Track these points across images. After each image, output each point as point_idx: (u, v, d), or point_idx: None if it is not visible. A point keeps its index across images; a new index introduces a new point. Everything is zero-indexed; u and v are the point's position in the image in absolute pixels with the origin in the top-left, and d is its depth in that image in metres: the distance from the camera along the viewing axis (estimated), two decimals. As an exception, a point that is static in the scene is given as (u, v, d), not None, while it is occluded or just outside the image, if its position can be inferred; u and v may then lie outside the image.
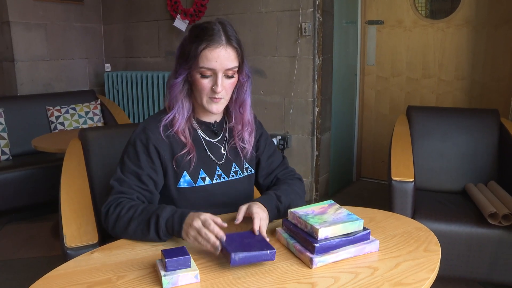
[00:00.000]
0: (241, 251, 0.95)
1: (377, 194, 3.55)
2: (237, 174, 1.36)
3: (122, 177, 1.24)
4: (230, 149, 1.36)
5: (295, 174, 1.46)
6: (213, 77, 1.22)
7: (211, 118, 1.34)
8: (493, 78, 3.27)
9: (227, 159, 1.34)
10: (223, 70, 1.20)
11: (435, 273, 0.99)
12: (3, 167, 3.02)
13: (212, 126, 1.34)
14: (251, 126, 1.38)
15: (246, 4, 3.32)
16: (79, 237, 1.32)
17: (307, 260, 1.00)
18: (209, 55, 1.19)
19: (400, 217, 1.32)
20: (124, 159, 1.27)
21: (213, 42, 1.18)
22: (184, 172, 1.27)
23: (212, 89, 1.22)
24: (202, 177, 1.29)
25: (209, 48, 1.18)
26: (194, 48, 1.19)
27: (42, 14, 3.79)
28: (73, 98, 3.69)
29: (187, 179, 1.27)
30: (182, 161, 1.26)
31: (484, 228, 1.99)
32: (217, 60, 1.19)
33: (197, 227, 1.04)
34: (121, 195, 1.21)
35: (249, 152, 1.38)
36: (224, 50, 1.19)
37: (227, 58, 1.20)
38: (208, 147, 1.32)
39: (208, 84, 1.22)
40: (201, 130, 1.32)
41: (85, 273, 0.97)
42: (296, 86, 3.20)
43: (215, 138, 1.34)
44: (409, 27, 3.52)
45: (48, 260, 2.55)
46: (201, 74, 1.21)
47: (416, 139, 2.52)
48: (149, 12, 3.90)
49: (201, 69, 1.20)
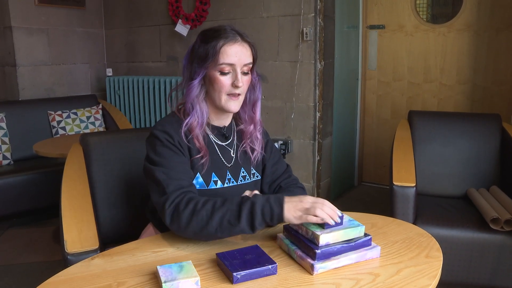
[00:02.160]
0: (242, 269, 0.95)
1: (379, 198, 3.54)
2: (245, 179, 1.36)
3: (167, 171, 1.18)
4: (240, 153, 1.37)
5: (297, 183, 1.46)
6: (232, 74, 1.24)
7: (222, 123, 1.35)
8: (494, 82, 3.27)
9: (236, 163, 1.35)
10: (241, 66, 1.24)
11: (436, 280, 0.98)
12: (5, 172, 3.03)
13: (222, 130, 1.35)
14: (262, 127, 1.41)
15: (248, 9, 3.33)
16: (79, 243, 1.32)
17: (308, 267, 1.00)
18: (228, 50, 1.22)
19: (402, 223, 1.31)
20: (156, 158, 1.21)
21: (230, 38, 1.23)
22: (198, 174, 1.27)
23: (232, 84, 1.24)
24: (214, 180, 1.29)
25: (227, 44, 1.22)
26: (212, 47, 1.22)
27: (44, 19, 3.80)
28: (75, 103, 3.70)
29: (200, 181, 1.27)
30: (196, 163, 1.26)
31: (486, 233, 1.98)
32: (236, 55, 1.22)
33: (313, 200, 1.07)
34: (183, 190, 1.15)
35: (258, 154, 1.39)
36: (241, 45, 1.24)
37: (244, 53, 1.24)
38: (220, 150, 1.33)
39: (228, 80, 1.24)
40: (213, 135, 1.33)
41: (86, 279, 0.97)
42: (297, 91, 3.20)
43: (225, 141, 1.35)
44: (410, 32, 3.52)
45: (49, 265, 2.54)
46: (220, 71, 1.23)
47: (418, 144, 2.51)
48: (151, 17, 3.91)
49: (221, 65, 1.22)
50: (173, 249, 1.12)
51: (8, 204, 2.97)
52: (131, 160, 1.75)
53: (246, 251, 1.04)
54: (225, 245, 1.13)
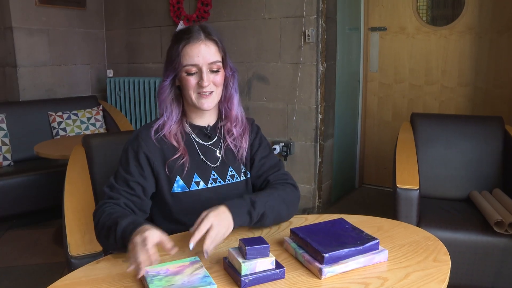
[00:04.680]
0: (250, 274, 0.95)
1: (380, 201, 3.53)
2: (233, 178, 1.34)
3: (113, 183, 1.24)
4: (226, 152, 1.35)
5: (288, 179, 1.37)
6: (198, 73, 1.24)
7: (204, 121, 1.34)
8: (496, 84, 3.26)
9: (222, 163, 1.33)
10: (206, 65, 1.24)
11: (445, 284, 0.98)
12: (5, 173, 3.02)
13: (205, 129, 1.34)
14: (241, 123, 1.37)
15: (250, 11, 3.32)
16: (83, 246, 1.31)
17: (316, 271, 0.99)
18: (189, 51, 1.23)
19: (408, 226, 1.30)
20: (118, 166, 1.28)
21: (192, 38, 1.23)
22: (177, 177, 1.27)
23: (198, 84, 1.24)
24: (196, 181, 1.28)
25: (188, 44, 1.23)
26: (176, 49, 1.24)
27: (44, 19, 3.79)
28: (75, 104, 3.69)
29: (181, 183, 1.27)
30: (174, 166, 1.26)
31: (489, 236, 1.98)
32: (198, 55, 1.23)
33: (134, 242, 0.98)
34: (108, 201, 1.21)
35: (244, 151, 1.36)
36: (204, 44, 1.24)
37: (208, 52, 1.24)
38: (202, 150, 1.32)
39: (194, 80, 1.25)
40: (195, 134, 1.33)
41: (92, 283, 0.96)
42: (299, 93, 3.19)
43: (209, 141, 1.34)
44: (412, 34, 3.52)
45: (49, 267, 2.53)
46: (186, 72, 1.24)
47: (420, 146, 2.50)
48: (152, 18, 3.90)
49: (186, 67, 1.23)
50: (178, 252, 1.11)
51: (8, 206, 2.96)
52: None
53: None
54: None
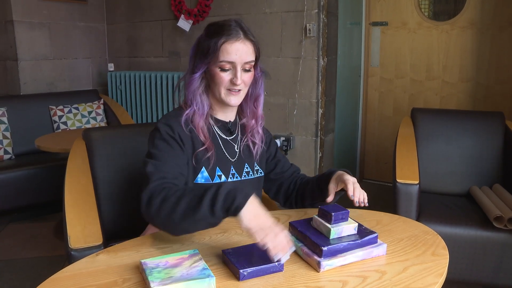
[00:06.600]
0: (249, 266, 0.95)
1: (380, 195, 3.53)
2: (248, 174, 1.37)
3: (158, 164, 1.17)
4: (243, 147, 1.37)
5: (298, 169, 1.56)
6: (232, 71, 1.25)
7: (227, 117, 1.36)
8: (497, 80, 3.26)
9: (239, 158, 1.36)
10: (241, 64, 1.24)
11: (443, 278, 0.98)
12: (6, 167, 3.02)
13: (227, 124, 1.36)
14: (264, 121, 1.42)
15: (251, 5, 3.31)
16: (83, 238, 1.32)
17: (314, 264, 0.99)
18: (229, 48, 1.22)
19: (407, 220, 1.31)
20: (152, 151, 1.21)
21: (232, 36, 1.22)
22: (203, 168, 1.27)
23: (231, 81, 1.25)
24: (218, 175, 1.30)
25: (228, 41, 1.22)
26: (214, 43, 1.22)
27: (45, 13, 3.79)
28: (76, 98, 3.68)
29: (205, 175, 1.27)
30: (201, 157, 1.27)
31: (489, 231, 1.98)
32: (236, 53, 1.22)
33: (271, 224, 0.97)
34: (164, 180, 1.12)
35: (260, 148, 1.40)
36: (243, 43, 1.23)
37: (245, 52, 1.24)
38: (224, 144, 1.34)
39: (227, 77, 1.25)
40: (217, 127, 1.34)
41: (91, 275, 0.96)
42: (300, 87, 3.19)
43: (230, 136, 1.36)
44: (413, 29, 3.51)
45: (50, 260, 2.54)
46: (220, 68, 1.24)
47: (421, 142, 2.50)
48: (153, 12, 3.89)
49: (221, 63, 1.23)
50: (178, 245, 1.12)
51: (9, 199, 2.96)
52: (134, 155, 1.74)
53: (252, 248, 1.03)
54: (231, 242, 1.13)
